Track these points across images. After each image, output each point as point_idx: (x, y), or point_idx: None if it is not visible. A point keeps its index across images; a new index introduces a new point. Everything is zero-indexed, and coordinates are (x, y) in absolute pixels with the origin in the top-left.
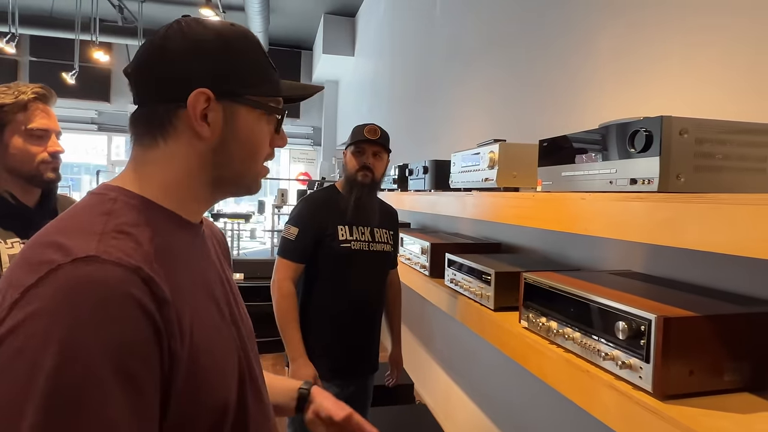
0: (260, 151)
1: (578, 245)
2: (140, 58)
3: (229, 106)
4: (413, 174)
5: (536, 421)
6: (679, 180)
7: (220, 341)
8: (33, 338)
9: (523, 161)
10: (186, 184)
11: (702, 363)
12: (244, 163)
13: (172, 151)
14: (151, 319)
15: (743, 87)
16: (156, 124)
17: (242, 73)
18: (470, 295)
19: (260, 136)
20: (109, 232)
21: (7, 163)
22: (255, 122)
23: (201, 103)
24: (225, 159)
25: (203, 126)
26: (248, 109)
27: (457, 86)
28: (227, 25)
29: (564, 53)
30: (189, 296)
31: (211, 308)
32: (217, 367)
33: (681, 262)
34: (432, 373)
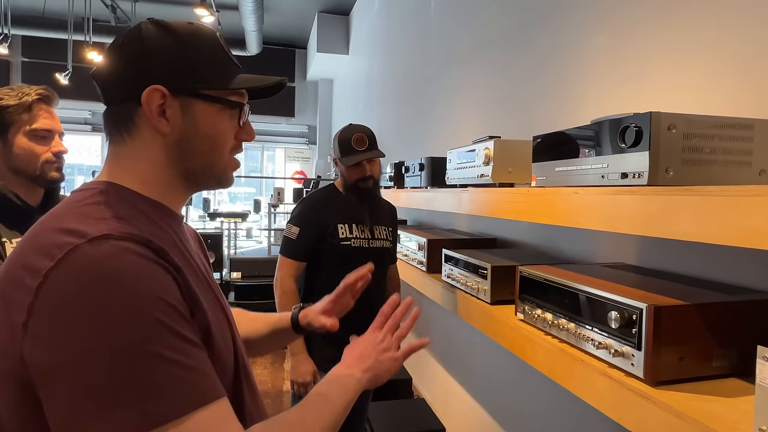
0: (222, 145)
1: (572, 239)
2: (103, 60)
3: (186, 101)
4: (409, 171)
5: (534, 413)
6: (668, 174)
7: (219, 316)
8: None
9: (517, 157)
10: (159, 177)
11: (691, 350)
12: (207, 156)
13: (138, 147)
14: (175, 279)
15: (732, 82)
16: (120, 122)
17: (197, 68)
18: (467, 289)
19: (220, 130)
20: (108, 218)
21: (12, 163)
22: (215, 116)
23: (156, 99)
24: (188, 153)
25: (161, 121)
26: (206, 103)
27: (452, 84)
28: (184, 24)
29: (557, 50)
30: (191, 278)
31: (207, 289)
32: (221, 340)
33: (671, 254)
34: (430, 368)
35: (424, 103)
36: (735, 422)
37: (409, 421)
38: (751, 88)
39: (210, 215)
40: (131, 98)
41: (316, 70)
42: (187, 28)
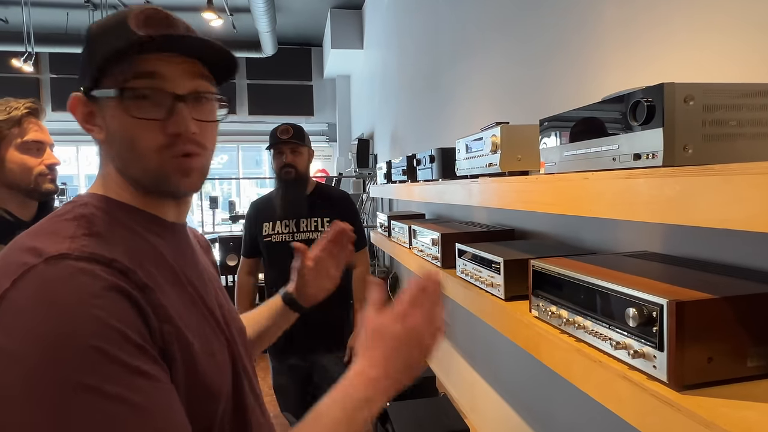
0: (138, 145)
1: (593, 227)
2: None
3: (98, 103)
4: (421, 164)
5: (563, 415)
6: (687, 152)
7: (208, 334)
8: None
9: (528, 143)
10: (126, 185)
11: (722, 349)
12: (126, 159)
13: (102, 156)
14: (134, 302)
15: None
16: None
17: (98, 63)
18: (481, 285)
19: (131, 128)
20: (79, 236)
21: (6, 178)
22: (123, 113)
23: (79, 106)
24: (120, 160)
25: (92, 129)
26: (111, 101)
27: (463, 71)
28: (107, 17)
29: (568, 26)
30: (171, 293)
31: (194, 304)
32: (208, 357)
33: (702, 240)
34: (455, 364)
35: (437, 93)
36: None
37: (432, 420)
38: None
39: (232, 218)
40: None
41: (332, 67)
42: (102, 19)
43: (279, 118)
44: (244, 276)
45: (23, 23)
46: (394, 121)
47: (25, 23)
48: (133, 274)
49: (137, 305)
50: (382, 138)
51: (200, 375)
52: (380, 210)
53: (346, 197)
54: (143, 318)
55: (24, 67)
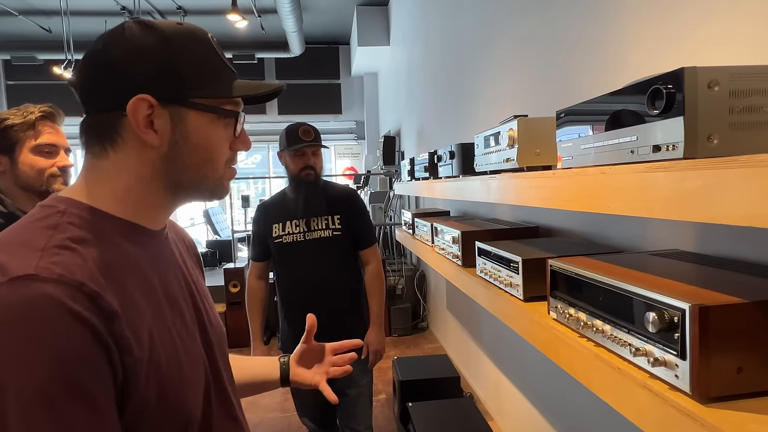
0: (216, 157)
1: (621, 224)
2: (82, 65)
3: (176, 110)
4: (441, 160)
5: (589, 420)
6: (711, 142)
7: (184, 352)
8: None
9: (546, 137)
10: (139, 192)
11: (754, 358)
12: (199, 169)
13: (121, 160)
14: (96, 334)
15: None
16: (103, 133)
17: (186, 74)
18: (500, 284)
19: (214, 141)
20: (51, 248)
21: (20, 180)
22: (207, 126)
23: (143, 109)
24: (178, 166)
25: (149, 133)
26: (198, 112)
27: (485, 62)
28: (172, 25)
29: (591, 10)
30: (145, 308)
31: (172, 318)
32: (180, 380)
33: (739, 237)
34: (482, 365)
35: (460, 87)
36: None
37: (454, 421)
38: None
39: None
40: (115, 107)
41: (360, 64)
42: (176, 28)
43: (308, 117)
44: (254, 280)
45: (63, 32)
46: (419, 117)
47: (65, 32)
48: (101, 300)
49: (99, 340)
50: (408, 135)
51: (167, 394)
52: (406, 207)
53: (354, 194)
54: (104, 353)
55: (64, 74)
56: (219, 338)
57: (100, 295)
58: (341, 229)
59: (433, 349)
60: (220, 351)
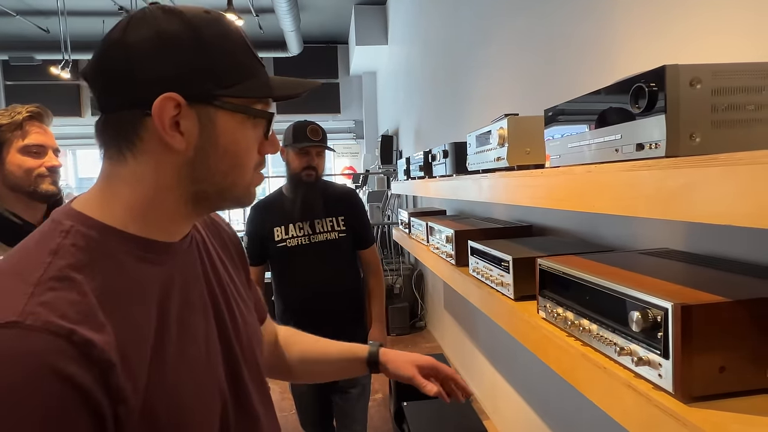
0: (246, 162)
1: (612, 222)
2: (98, 55)
3: (204, 111)
4: (436, 159)
5: (585, 420)
6: (694, 140)
7: (192, 382)
8: None
9: (536, 135)
10: (159, 204)
11: (737, 357)
12: (227, 176)
13: (140, 168)
14: (84, 393)
15: None
16: (121, 134)
17: (218, 70)
18: (491, 284)
19: (245, 144)
20: (46, 282)
21: (8, 180)
22: (238, 128)
23: (170, 110)
24: (204, 173)
25: (175, 136)
26: (228, 113)
27: (481, 60)
28: (200, 13)
29: (584, 7)
30: (150, 339)
31: (185, 347)
32: (184, 414)
33: (728, 236)
34: (478, 364)
35: (456, 85)
36: None
37: (449, 421)
38: None
39: None
40: (136, 105)
41: (358, 63)
42: (204, 18)
43: (307, 116)
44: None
45: (60, 32)
46: (417, 116)
47: (62, 32)
48: (94, 349)
49: (86, 399)
50: (406, 134)
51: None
52: (404, 207)
53: (353, 193)
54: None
55: (62, 74)
56: (249, 346)
57: (91, 342)
58: (345, 230)
59: (431, 348)
60: (249, 363)
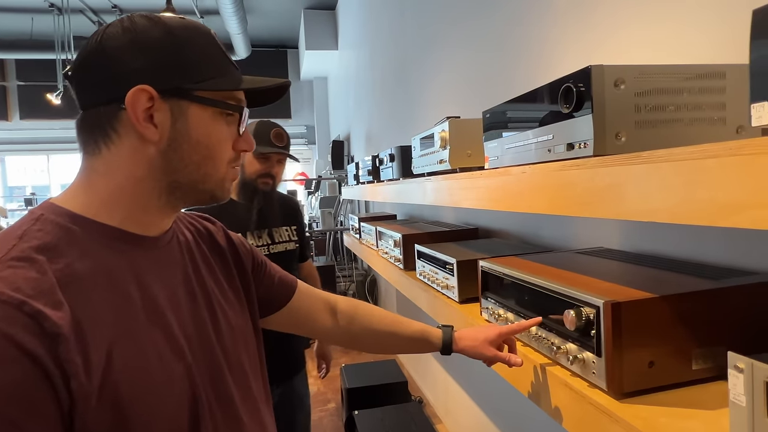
0: (218, 155)
1: (553, 224)
2: (79, 57)
3: (177, 104)
4: (383, 163)
5: (536, 420)
6: (619, 140)
7: (161, 371)
8: None
9: (477, 138)
10: (131, 194)
11: (664, 352)
12: (199, 168)
13: (114, 159)
14: (35, 359)
15: (714, 26)
16: (98, 128)
17: (190, 66)
18: (437, 287)
19: (217, 137)
20: (6, 261)
21: None
22: (210, 122)
23: (143, 102)
24: (177, 164)
25: (148, 127)
26: (200, 107)
27: (429, 64)
28: (175, 19)
29: (522, 11)
30: (111, 324)
31: (150, 333)
32: (150, 404)
33: (658, 234)
34: (430, 368)
35: (405, 89)
36: None
37: (399, 428)
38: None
39: None
40: (112, 100)
41: (308, 68)
42: (179, 22)
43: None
44: None
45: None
46: (368, 120)
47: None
48: (44, 320)
49: (37, 365)
50: (357, 138)
51: (128, 420)
52: (356, 212)
53: (297, 203)
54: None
55: None
56: (234, 351)
57: (42, 314)
58: (297, 240)
59: (383, 355)
60: (233, 364)
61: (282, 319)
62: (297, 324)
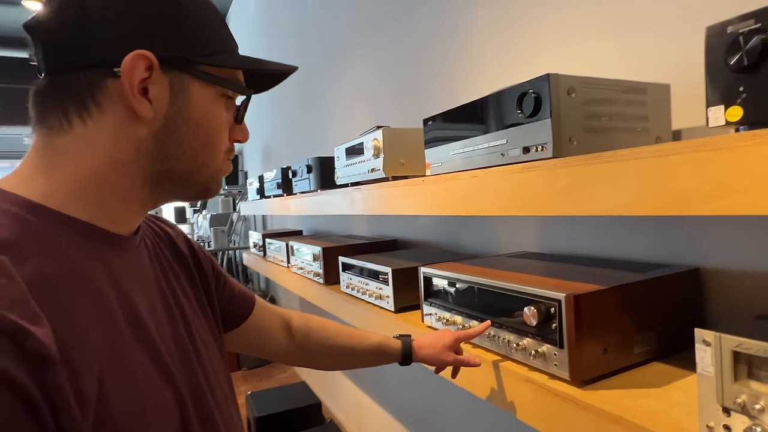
0: (219, 142)
1: (472, 232)
2: (53, 7)
3: (178, 78)
4: (297, 175)
5: (458, 422)
6: (572, 144)
7: (153, 397)
8: None
9: (410, 147)
10: (107, 182)
11: (614, 339)
12: (198, 155)
13: (93, 137)
14: (17, 390)
15: (626, 47)
16: (71, 98)
17: (196, 35)
18: (368, 298)
19: (218, 122)
20: None
21: None
22: (212, 103)
23: (140, 70)
24: (172, 149)
25: (143, 102)
26: (204, 85)
27: (338, 80)
28: None
29: (442, 30)
30: (97, 343)
31: (135, 353)
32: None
33: (572, 236)
34: (341, 387)
35: (311, 102)
36: (675, 419)
37: None
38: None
39: None
40: (99, 65)
41: None
42: None
43: None
44: None
45: None
46: (266, 135)
47: None
48: (28, 339)
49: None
50: (253, 153)
51: None
52: (253, 229)
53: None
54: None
55: None
56: (210, 365)
57: (23, 330)
58: None
59: (288, 378)
60: (209, 378)
61: (237, 338)
62: (252, 343)
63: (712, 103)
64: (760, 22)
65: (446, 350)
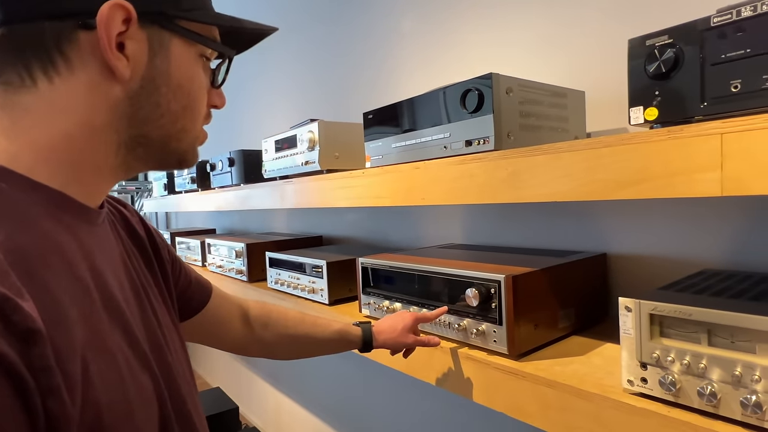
0: (199, 106)
1: (399, 228)
2: None
3: (157, 33)
4: (216, 169)
5: (385, 412)
6: (510, 139)
7: (132, 382)
8: None
9: (343, 141)
10: (83, 148)
11: (543, 315)
12: (177, 120)
13: (62, 95)
14: (6, 370)
15: (548, 54)
16: (34, 51)
17: None
18: (300, 293)
19: (199, 84)
20: None
21: None
22: (193, 63)
23: (117, 23)
24: (149, 112)
25: (120, 59)
26: (186, 42)
27: (259, 74)
28: None
29: (368, 32)
30: (77, 322)
31: (114, 335)
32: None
33: (495, 229)
34: (257, 391)
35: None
36: (599, 379)
37: None
38: (566, 59)
39: None
40: (69, 14)
41: None
42: None
43: None
44: None
45: None
46: None
47: None
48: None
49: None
50: None
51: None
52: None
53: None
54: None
55: None
56: (175, 350)
57: (13, 303)
58: None
59: (201, 385)
60: (179, 363)
61: (192, 328)
62: (207, 333)
63: (633, 104)
64: (672, 38)
65: (406, 333)
